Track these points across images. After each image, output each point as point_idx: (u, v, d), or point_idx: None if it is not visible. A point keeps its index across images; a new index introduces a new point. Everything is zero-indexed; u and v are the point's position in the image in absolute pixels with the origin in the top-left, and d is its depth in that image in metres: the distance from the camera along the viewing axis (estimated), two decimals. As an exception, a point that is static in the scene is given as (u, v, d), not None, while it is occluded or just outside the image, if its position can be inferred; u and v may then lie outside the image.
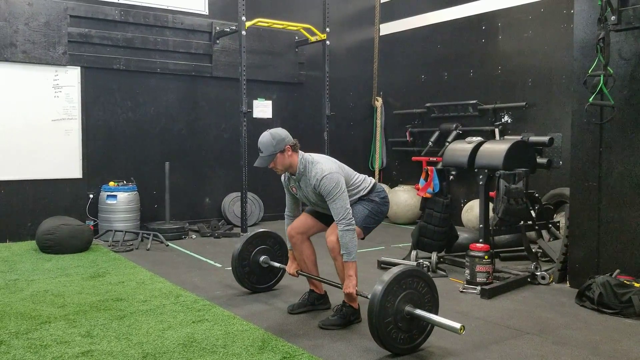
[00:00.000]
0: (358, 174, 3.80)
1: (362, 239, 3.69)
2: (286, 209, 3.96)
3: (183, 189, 7.50)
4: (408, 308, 3.10)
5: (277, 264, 4.30)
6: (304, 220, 3.89)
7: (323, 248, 3.72)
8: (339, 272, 3.62)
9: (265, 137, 3.56)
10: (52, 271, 5.08)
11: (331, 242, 3.54)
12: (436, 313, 3.24)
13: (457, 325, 2.95)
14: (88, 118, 6.89)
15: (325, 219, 3.80)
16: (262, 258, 4.30)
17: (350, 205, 3.53)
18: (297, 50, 8.33)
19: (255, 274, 4.35)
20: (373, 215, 3.70)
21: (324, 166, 3.53)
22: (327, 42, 7.69)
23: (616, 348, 3.31)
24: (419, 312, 3.10)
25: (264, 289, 4.42)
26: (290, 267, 3.96)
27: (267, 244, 4.38)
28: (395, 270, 3.15)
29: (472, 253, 4.49)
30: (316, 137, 7.76)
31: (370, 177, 3.86)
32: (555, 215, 5.90)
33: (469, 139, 5.34)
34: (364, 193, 3.71)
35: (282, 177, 3.86)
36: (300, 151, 3.63)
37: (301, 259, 3.90)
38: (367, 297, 3.15)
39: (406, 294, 3.11)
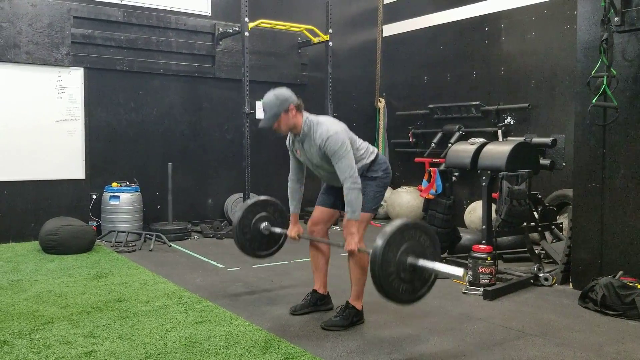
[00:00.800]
0: (361, 139, 3.79)
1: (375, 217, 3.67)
2: (290, 173, 3.93)
3: (186, 189, 7.50)
4: (410, 259, 3.08)
5: (278, 230, 4.20)
6: (319, 212, 3.89)
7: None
8: (351, 268, 3.64)
9: (269, 97, 3.55)
10: (55, 272, 5.09)
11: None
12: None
13: (460, 271, 2.95)
14: (91, 119, 6.90)
15: (336, 202, 3.80)
16: (263, 225, 4.21)
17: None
18: (299, 51, 8.34)
19: (257, 241, 4.24)
20: (379, 191, 3.69)
21: (330, 127, 3.52)
22: (330, 43, 7.69)
23: (619, 350, 3.30)
24: (421, 262, 3.07)
25: (266, 256, 4.36)
26: (292, 231, 3.94)
27: (268, 211, 4.27)
28: (397, 222, 3.13)
29: (474, 254, 4.49)
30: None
31: (373, 146, 3.84)
32: (558, 216, 5.89)
33: (471, 140, 5.34)
34: (367, 162, 3.68)
35: (287, 141, 3.84)
36: (305, 112, 3.61)
37: (315, 255, 3.92)
38: (369, 253, 3.13)
39: (408, 246, 3.09)
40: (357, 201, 3.43)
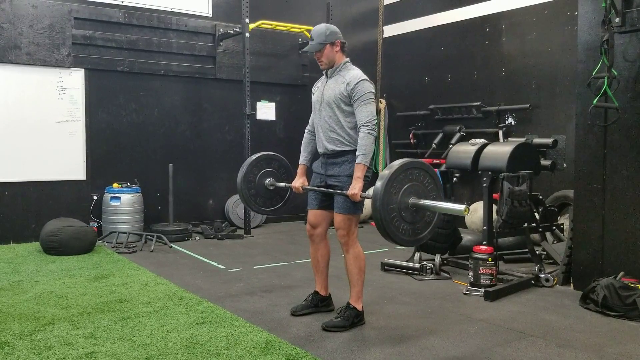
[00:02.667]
0: None
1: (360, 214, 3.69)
2: (308, 125, 4.02)
3: (186, 190, 7.50)
4: (412, 199, 3.07)
5: (282, 184, 4.19)
6: (314, 216, 3.87)
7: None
8: (348, 269, 3.66)
9: (320, 26, 3.71)
10: (55, 272, 5.09)
11: (341, 236, 3.62)
12: None
13: (461, 206, 2.96)
14: (92, 120, 6.90)
15: (328, 203, 3.78)
16: (267, 180, 4.20)
17: (341, 189, 3.56)
18: (300, 52, 8.34)
19: (262, 197, 4.23)
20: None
21: (365, 75, 3.65)
22: (331, 44, 7.68)
23: (620, 351, 3.29)
24: (423, 201, 3.07)
25: (270, 212, 4.35)
26: (297, 182, 3.95)
27: (272, 167, 4.26)
28: (400, 160, 3.12)
29: (475, 255, 4.49)
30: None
31: None
32: (559, 217, 5.88)
33: (472, 141, 5.33)
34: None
35: (315, 84, 3.93)
36: (347, 57, 3.75)
37: (315, 256, 3.92)
38: (370, 198, 3.12)
39: (411, 185, 3.08)
40: (370, 147, 3.50)
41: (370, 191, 3.26)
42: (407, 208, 3.07)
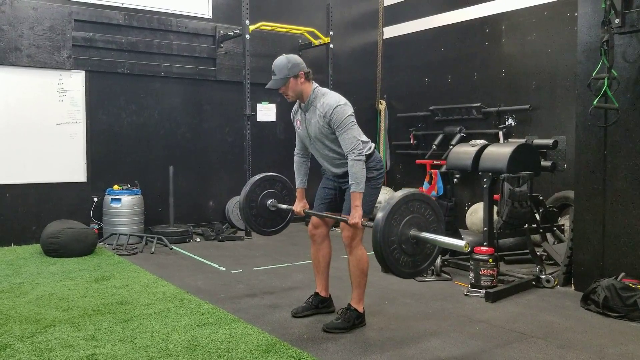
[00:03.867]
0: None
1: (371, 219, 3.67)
2: (296, 147, 3.96)
3: (187, 192, 7.50)
4: (413, 231, 3.06)
5: (284, 206, 4.20)
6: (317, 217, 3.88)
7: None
8: (351, 271, 3.65)
9: (281, 59, 3.57)
10: (56, 275, 5.10)
11: (346, 237, 3.60)
12: None
13: (462, 242, 2.93)
14: (92, 122, 6.91)
15: (333, 205, 3.79)
16: (269, 201, 4.20)
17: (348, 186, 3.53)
18: (300, 53, 8.33)
19: (263, 217, 4.24)
20: (373, 193, 3.67)
21: (339, 98, 3.56)
22: (331, 46, 7.70)
23: (621, 352, 3.29)
24: (424, 234, 3.06)
25: (271, 232, 4.35)
26: (297, 206, 3.95)
27: (275, 188, 4.26)
28: (401, 192, 3.12)
29: (476, 256, 4.49)
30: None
31: (372, 142, 3.81)
32: (559, 218, 5.88)
33: (473, 142, 5.33)
34: (366, 153, 3.63)
35: (292, 110, 3.85)
36: (314, 82, 3.64)
37: (317, 257, 3.92)
38: (372, 226, 3.11)
39: (412, 217, 3.07)
40: (360, 173, 3.44)
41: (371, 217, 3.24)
42: (407, 240, 3.06)
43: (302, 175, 3.96)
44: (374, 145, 3.79)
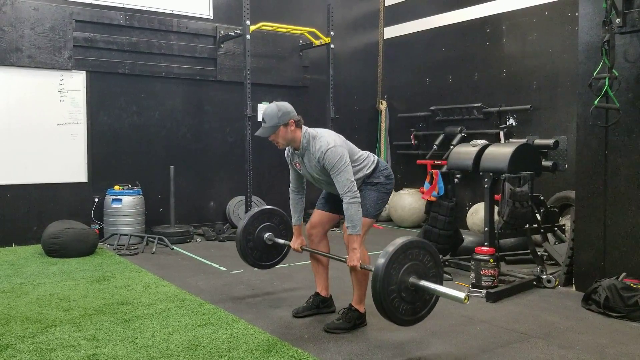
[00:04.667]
0: (361, 150, 3.76)
1: (376, 221, 3.66)
2: (290, 184, 3.94)
3: (188, 192, 7.51)
4: (412, 279, 3.06)
5: (281, 241, 4.21)
6: (317, 215, 3.89)
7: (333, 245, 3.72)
8: (352, 271, 3.63)
9: (271, 107, 3.56)
10: (57, 275, 5.10)
11: (347, 237, 3.57)
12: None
13: (462, 295, 2.92)
14: (93, 122, 6.91)
15: (336, 207, 3.78)
16: (266, 235, 4.21)
17: (358, 188, 3.52)
18: (301, 53, 8.35)
19: (259, 250, 4.25)
20: (381, 198, 3.68)
21: (328, 139, 3.51)
22: (332, 46, 7.70)
23: (622, 352, 3.29)
24: (423, 282, 3.06)
25: (267, 267, 4.36)
26: (295, 243, 3.94)
27: (273, 222, 4.28)
28: (400, 240, 3.12)
29: (477, 256, 4.48)
30: (321, 141, 7.76)
31: (374, 155, 3.81)
32: (560, 218, 5.88)
33: (473, 142, 5.33)
34: (368, 171, 3.66)
35: (286, 152, 3.84)
36: (303, 126, 3.61)
37: (315, 257, 3.92)
38: (371, 270, 3.12)
39: (411, 265, 3.07)
40: (357, 215, 3.41)
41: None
42: (406, 288, 3.06)
43: (299, 212, 3.94)
44: (375, 157, 3.78)
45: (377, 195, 3.65)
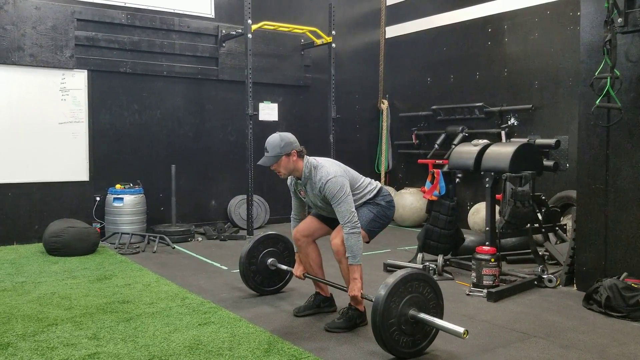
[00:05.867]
0: (364, 177, 3.79)
1: (367, 242, 3.69)
2: (292, 212, 3.98)
3: (189, 191, 7.51)
4: (412, 311, 3.08)
5: (284, 267, 4.30)
6: (309, 223, 3.89)
7: (328, 250, 3.71)
8: (344, 274, 3.63)
9: (274, 137, 3.59)
10: (58, 273, 5.10)
11: (336, 244, 3.55)
12: (441, 318, 3.22)
13: (461, 329, 2.94)
14: (95, 121, 6.92)
15: (330, 222, 3.81)
16: (269, 260, 4.31)
17: (356, 209, 3.54)
18: (302, 53, 8.34)
19: (261, 275, 4.35)
20: (378, 219, 3.69)
21: (329, 169, 3.54)
22: (333, 45, 7.70)
23: (623, 352, 3.29)
24: (422, 315, 3.09)
25: (270, 292, 4.42)
26: (297, 270, 3.97)
27: (277, 247, 4.39)
28: (401, 272, 3.14)
29: (478, 256, 4.48)
30: (322, 140, 7.77)
31: (377, 182, 3.85)
32: (562, 217, 5.88)
33: (475, 141, 5.32)
34: (370, 197, 3.71)
35: (289, 180, 3.86)
36: (306, 156, 3.63)
37: (307, 262, 3.91)
38: (371, 300, 3.14)
39: (411, 297, 3.10)
40: (357, 246, 3.44)
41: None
42: (406, 320, 3.08)
43: None
44: (378, 184, 3.81)
45: (374, 214, 3.66)
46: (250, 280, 4.32)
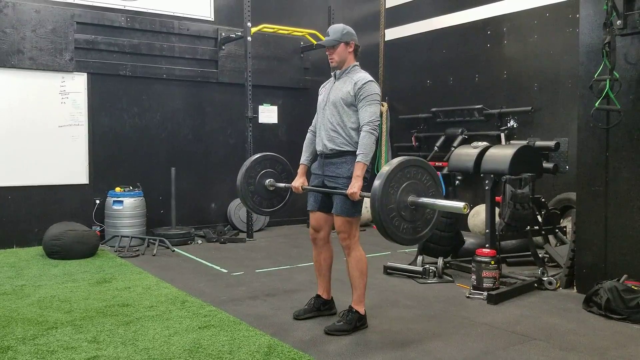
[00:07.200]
0: None
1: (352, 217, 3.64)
2: (311, 125, 4.01)
3: (189, 194, 7.51)
4: (411, 197, 3.06)
5: (282, 184, 4.14)
6: (315, 217, 3.86)
7: (337, 255, 3.72)
8: (350, 272, 3.65)
9: (338, 24, 3.74)
10: (58, 277, 5.10)
11: (342, 237, 3.62)
12: None
13: (461, 204, 2.95)
14: (94, 124, 6.92)
15: (328, 205, 3.76)
16: (267, 181, 4.14)
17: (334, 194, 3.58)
18: (302, 55, 8.35)
19: (260, 196, 4.17)
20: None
21: (372, 78, 3.68)
22: (333, 48, 7.69)
23: (624, 354, 3.28)
24: (422, 199, 3.06)
25: (267, 213, 4.31)
26: (297, 181, 3.93)
27: (276, 169, 4.22)
28: (398, 159, 3.12)
29: (478, 258, 4.48)
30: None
31: None
32: (561, 220, 5.88)
33: (474, 143, 5.33)
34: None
35: (321, 87, 3.92)
36: (357, 61, 3.75)
37: (318, 260, 3.92)
38: (369, 197, 3.11)
39: (409, 184, 3.08)
40: (371, 147, 3.52)
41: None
42: (406, 207, 3.07)
43: (309, 153, 3.97)
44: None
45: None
46: (249, 201, 4.13)
